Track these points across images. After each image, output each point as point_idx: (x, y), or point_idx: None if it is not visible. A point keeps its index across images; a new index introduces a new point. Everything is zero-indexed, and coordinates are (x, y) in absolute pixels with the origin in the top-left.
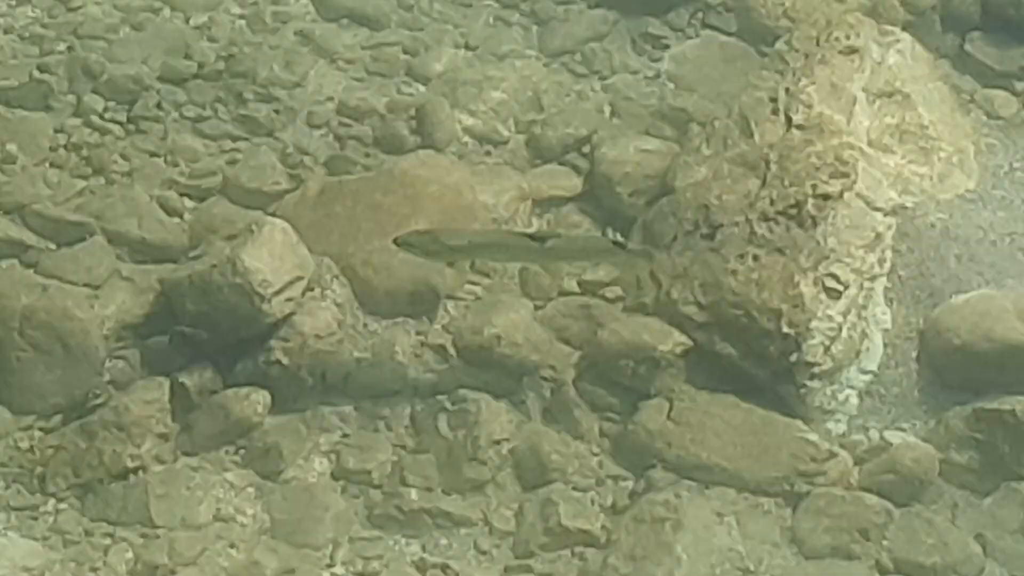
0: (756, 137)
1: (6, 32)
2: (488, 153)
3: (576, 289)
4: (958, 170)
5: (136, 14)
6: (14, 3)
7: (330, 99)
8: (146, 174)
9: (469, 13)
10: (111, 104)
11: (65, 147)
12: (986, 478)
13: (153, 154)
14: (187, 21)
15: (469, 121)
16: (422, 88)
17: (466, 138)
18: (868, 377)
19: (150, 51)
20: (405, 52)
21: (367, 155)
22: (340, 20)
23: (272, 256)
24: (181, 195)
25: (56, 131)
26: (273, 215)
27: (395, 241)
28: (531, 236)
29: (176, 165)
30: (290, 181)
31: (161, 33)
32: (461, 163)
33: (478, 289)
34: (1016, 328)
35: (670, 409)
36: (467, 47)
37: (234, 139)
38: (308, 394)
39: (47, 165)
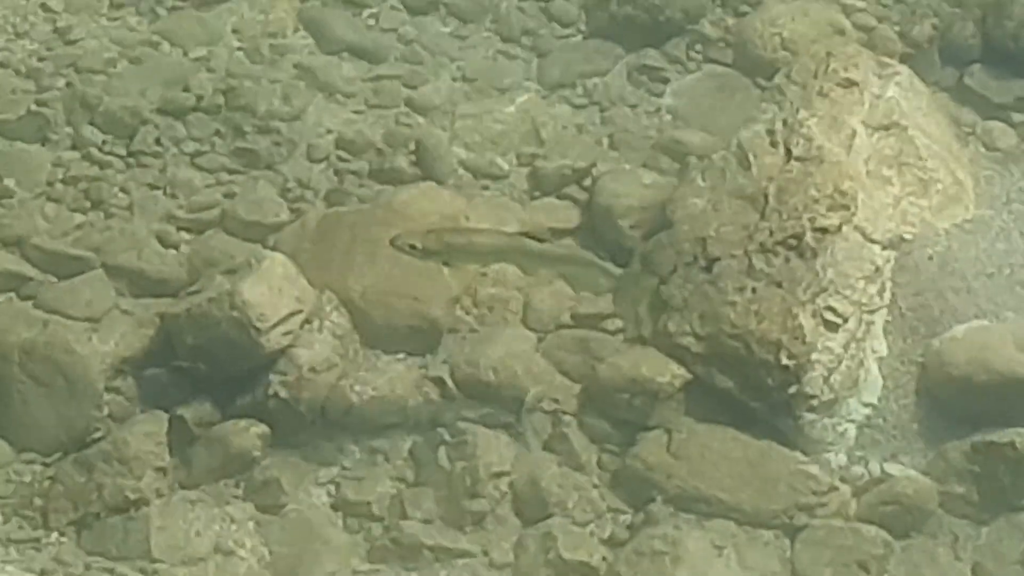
0: (755, 170)
1: (3, 66)
2: (487, 186)
3: (570, 323)
4: (956, 202)
5: (134, 48)
6: (13, 36)
7: (329, 132)
8: (146, 207)
9: (468, 46)
10: (109, 137)
11: (63, 181)
12: (986, 510)
13: (153, 187)
14: (186, 54)
15: (468, 154)
16: (421, 121)
17: (465, 171)
18: (867, 409)
19: (148, 84)
20: (404, 85)
21: (365, 187)
22: (340, 53)
23: (271, 290)
24: (180, 229)
25: (54, 165)
26: (272, 248)
27: (391, 242)
28: (527, 236)
29: (175, 198)
30: (290, 214)
31: (160, 66)
32: (460, 195)
33: (473, 319)
34: (1015, 360)
35: (669, 441)
36: (466, 80)
37: (232, 172)
38: (307, 427)
39: (45, 199)
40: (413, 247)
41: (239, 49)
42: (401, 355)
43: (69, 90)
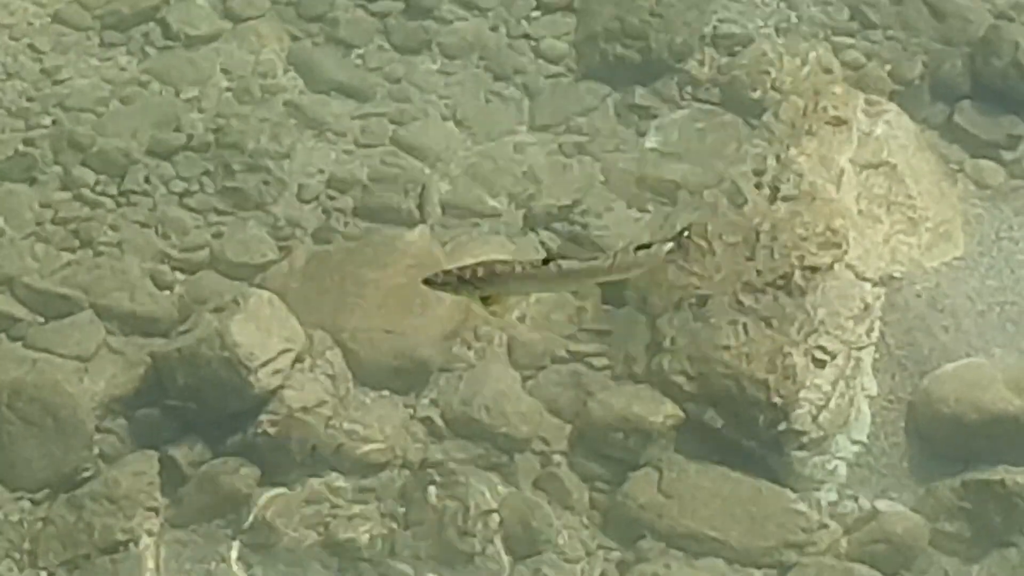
0: (745, 208)
1: None
2: (477, 224)
3: (565, 356)
4: (946, 240)
5: (124, 87)
6: (3, 77)
7: (320, 171)
8: (137, 246)
9: (458, 86)
10: (102, 177)
11: (52, 220)
12: (976, 547)
13: (144, 226)
14: (176, 94)
15: (456, 192)
16: (410, 160)
17: (453, 208)
18: (857, 447)
19: (139, 124)
20: (394, 123)
21: (354, 225)
22: (329, 92)
23: (259, 329)
24: (173, 268)
25: (42, 205)
26: (260, 286)
27: (424, 281)
28: (551, 259)
29: (167, 238)
30: (278, 253)
31: (150, 106)
32: (448, 234)
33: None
34: (1005, 398)
35: (660, 480)
36: (456, 120)
37: (221, 213)
38: (298, 466)
39: (35, 238)
40: (446, 284)
41: (228, 89)
42: (390, 394)
43: (57, 129)
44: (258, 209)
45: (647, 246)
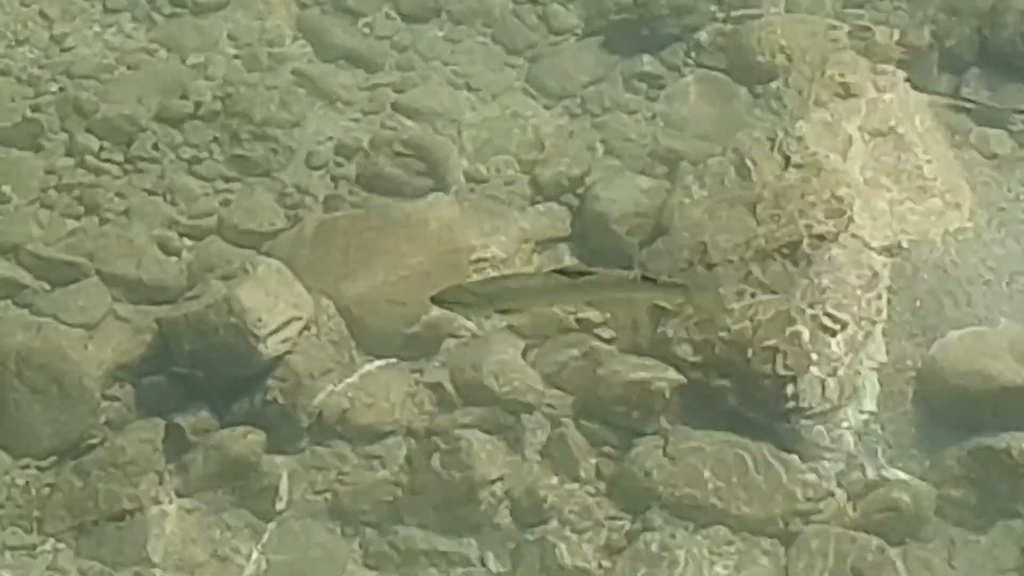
0: (752, 176)
1: (2, 74)
2: (486, 193)
3: (574, 327)
4: (954, 209)
5: (131, 54)
6: (12, 43)
7: (328, 139)
8: (144, 214)
9: (465, 54)
10: (106, 144)
11: (57, 187)
12: (983, 516)
13: (151, 193)
14: (183, 61)
15: (466, 161)
16: (418, 128)
17: (463, 178)
18: (864, 416)
19: (146, 91)
20: (401, 92)
21: (361, 194)
22: (337, 61)
23: (267, 295)
24: (181, 235)
25: (47, 171)
26: (268, 254)
27: (432, 299)
28: (562, 273)
29: (175, 205)
30: (286, 221)
31: (157, 73)
32: (458, 203)
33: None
34: (1012, 367)
35: (665, 448)
36: (464, 87)
37: (229, 180)
38: (304, 434)
39: (39, 205)
40: (455, 303)
41: (236, 57)
42: (396, 361)
43: (63, 96)
44: (266, 176)
45: (652, 279)
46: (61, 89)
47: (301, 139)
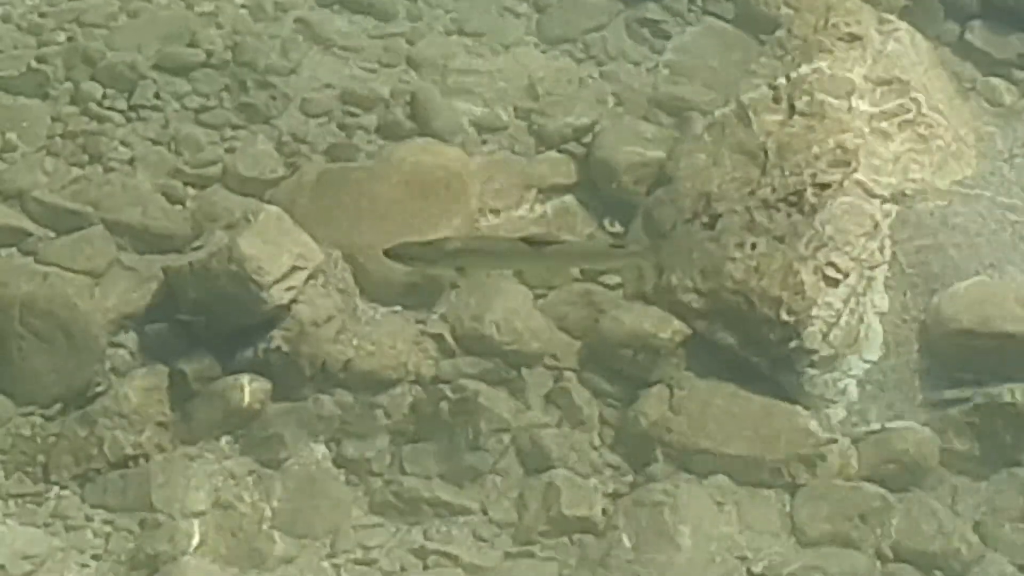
0: (756, 126)
1: (6, 21)
2: (487, 141)
3: (577, 275)
4: (958, 158)
5: (136, 2)
6: None
7: (328, 87)
8: (149, 162)
9: (468, 1)
10: (110, 92)
11: (62, 135)
12: (986, 465)
13: (155, 142)
14: (190, 8)
15: (468, 109)
16: (421, 77)
17: (466, 126)
18: (868, 365)
19: (150, 39)
20: (404, 40)
21: (366, 142)
22: (332, 6)
23: (267, 244)
24: (186, 184)
25: (53, 119)
26: (268, 202)
27: (386, 253)
28: (528, 241)
29: (180, 154)
30: (285, 169)
31: (162, 21)
32: (460, 151)
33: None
34: (1016, 316)
35: (670, 397)
36: (467, 35)
37: (234, 127)
38: (308, 382)
39: (45, 153)
40: (408, 258)
41: (244, 6)
42: (401, 310)
43: (70, 45)
44: (267, 124)
45: (621, 246)
46: (70, 39)
47: (299, 87)
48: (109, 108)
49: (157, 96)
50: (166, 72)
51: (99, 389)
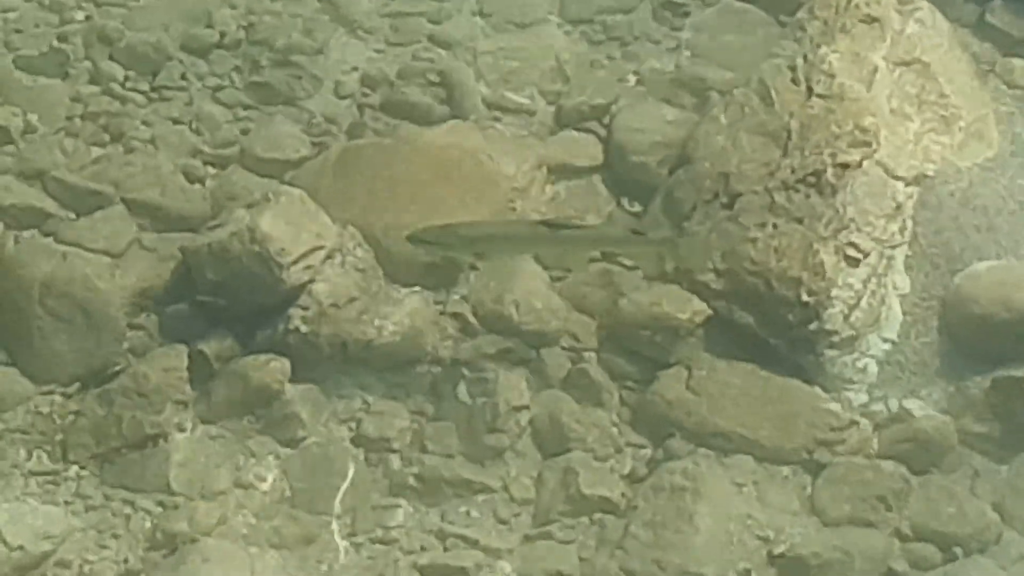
0: (776, 106)
1: (27, 0)
2: (509, 122)
3: (596, 256)
4: (978, 139)
5: None
6: None
7: (353, 68)
8: (169, 143)
9: None
10: (131, 72)
11: (83, 115)
12: (1005, 446)
13: (177, 122)
14: None
15: (490, 90)
16: (443, 56)
17: (487, 107)
18: (888, 346)
19: (171, 19)
20: (427, 20)
21: (388, 124)
22: None
23: (289, 224)
24: (205, 163)
25: (73, 99)
26: (290, 183)
27: (408, 238)
28: (547, 224)
29: (200, 134)
30: (311, 149)
31: (181, 1)
32: (481, 132)
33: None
34: None
35: (689, 378)
36: (489, 15)
37: (251, 108)
38: (328, 362)
39: (65, 133)
40: (429, 243)
41: None
42: (421, 290)
43: (89, 24)
44: (289, 105)
45: (641, 232)
46: (88, 18)
47: (325, 67)
48: (132, 88)
49: (183, 77)
50: (190, 52)
51: (118, 368)
